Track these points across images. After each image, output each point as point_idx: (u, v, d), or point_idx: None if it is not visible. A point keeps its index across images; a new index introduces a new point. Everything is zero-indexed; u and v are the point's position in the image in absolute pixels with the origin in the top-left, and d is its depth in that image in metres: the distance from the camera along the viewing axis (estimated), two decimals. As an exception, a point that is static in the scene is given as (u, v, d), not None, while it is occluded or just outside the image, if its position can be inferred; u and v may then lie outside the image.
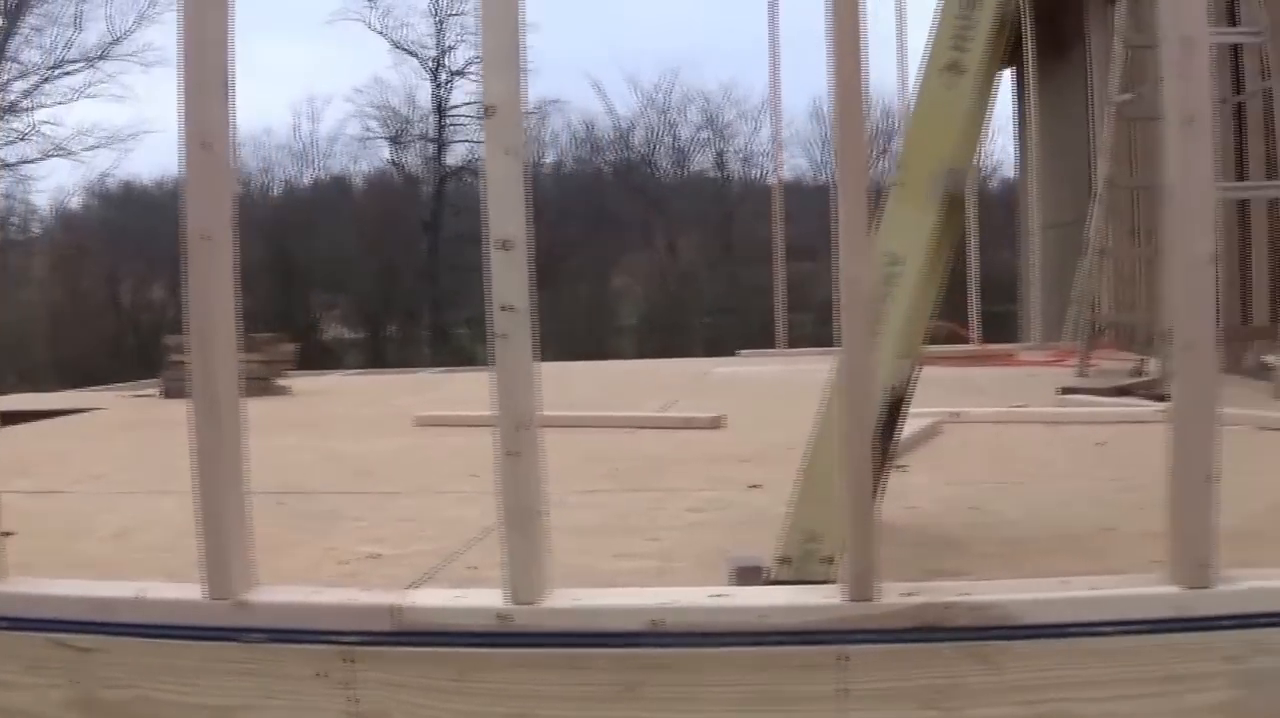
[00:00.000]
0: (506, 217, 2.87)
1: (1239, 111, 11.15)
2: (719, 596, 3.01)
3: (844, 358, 2.83)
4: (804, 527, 3.27)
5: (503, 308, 2.88)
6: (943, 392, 9.71)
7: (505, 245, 2.86)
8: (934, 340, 15.13)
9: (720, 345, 17.92)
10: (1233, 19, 10.66)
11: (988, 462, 6.08)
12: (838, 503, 2.93)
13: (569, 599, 2.99)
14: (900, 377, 3.68)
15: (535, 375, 2.94)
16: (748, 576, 3.22)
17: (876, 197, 3.23)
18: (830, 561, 3.17)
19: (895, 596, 2.86)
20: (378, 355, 35.44)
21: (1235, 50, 10.91)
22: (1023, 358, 13.99)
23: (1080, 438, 6.56)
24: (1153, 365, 9.44)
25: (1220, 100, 11.35)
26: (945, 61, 3.56)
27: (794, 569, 3.24)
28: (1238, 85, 11.18)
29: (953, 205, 3.52)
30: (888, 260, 3.43)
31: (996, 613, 2.81)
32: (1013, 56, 17.98)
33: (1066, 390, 8.94)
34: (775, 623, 2.88)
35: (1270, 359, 9.52)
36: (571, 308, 36.82)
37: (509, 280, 2.88)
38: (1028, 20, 16.34)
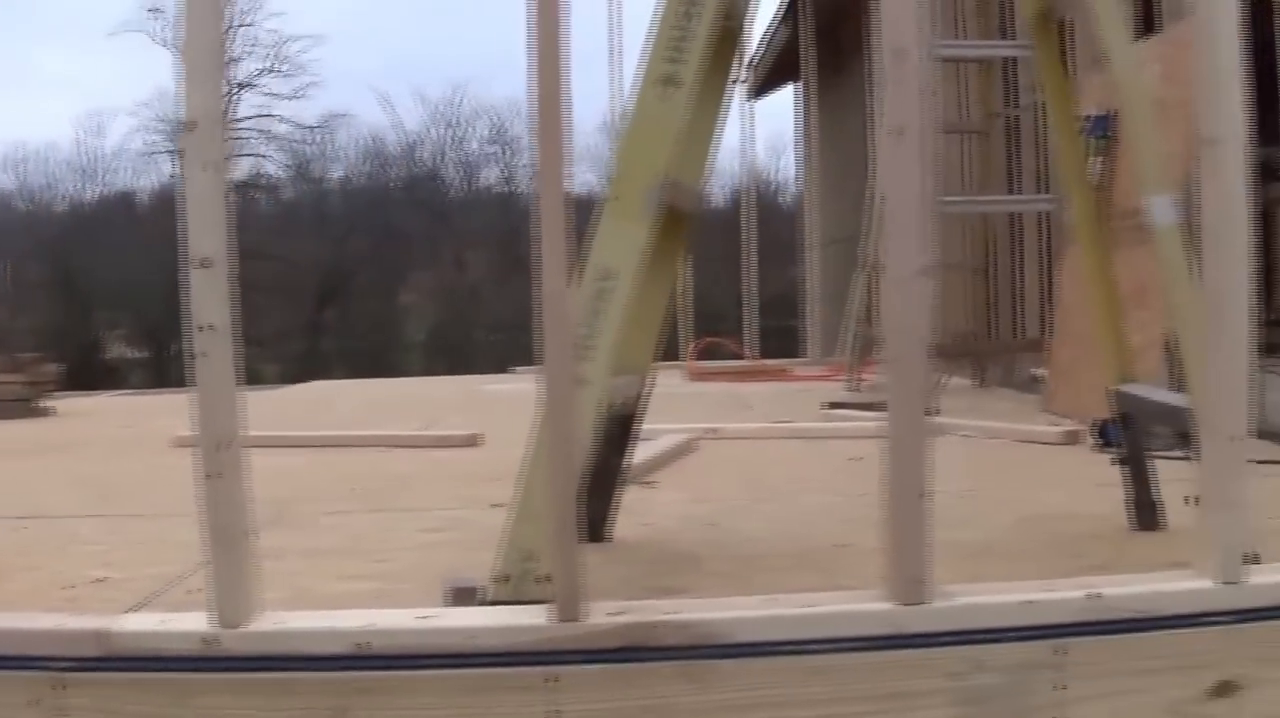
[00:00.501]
0: (205, 234, 2.76)
1: (1012, 125, 11.34)
2: (427, 617, 2.92)
3: (546, 376, 2.75)
4: (521, 545, 3.19)
5: (201, 327, 2.76)
6: (710, 407, 9.76)
7: (204, 264, 2.75)
8: (710, 356, 15.24)
9: (506, 361, 17.86)
10: (1004, 33, 10.86)
11: (738, 478, 6.05)
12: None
13: (275, 622, 2.88)
14: (623, 394, 3.62)
15: (237, 395, 2.82)
16: (464, 596, 3.14)
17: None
18: (548, 579, 3.10)
19: (603, 615, 2.79)
20: (162, 375, 34.66)
21: (1007, 65, 11.10)
22: (797, 373, 14.10)
23: (838, 453, 6.58)
24: (932, 378, 9.52)
25: (994, 114, 11.54)
26: (660, 74, 3.51)
27: (511, 589, 3.16)
28: (1009, 99, 11.38)
29: (672, 219, 3.48)
30: (600, 276, 3.36)
31: (704, 631, 2.75)
32: (793, 72, 18.20)
33: (832, 405, 8.99)
34: (484, 644, 2.79)
35: (1039, 372, 9.68)
36: (359, 325, 36.50)
37: (208, 299, 2.76)
38: (808, 36, 16.54)
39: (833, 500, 5.19)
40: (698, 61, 3.51)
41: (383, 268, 38.41)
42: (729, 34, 3.76)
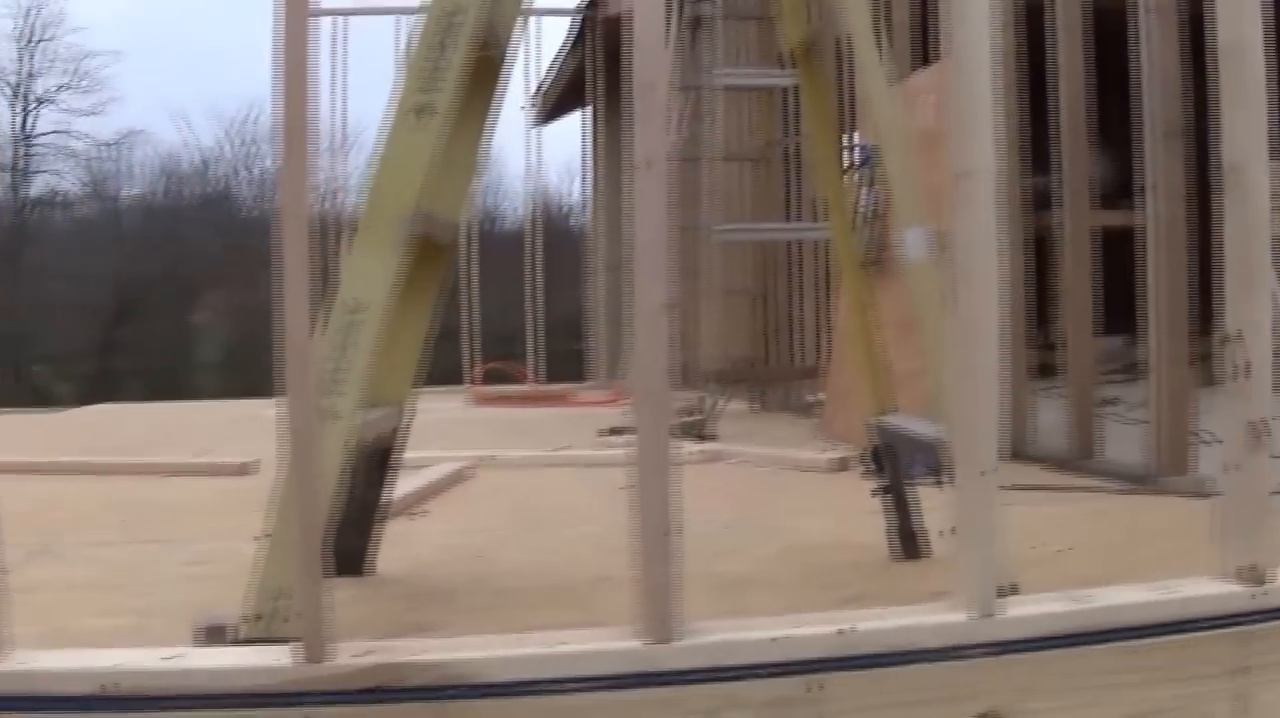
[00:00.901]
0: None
1: (791, 154, 11.44)
2: (173, 657, 2.81)
3: (289, 411, 2.68)
4: (272, 582, 3.11)
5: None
6: (490, 433, 9.70)
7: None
8: (496, 380, 15.13)
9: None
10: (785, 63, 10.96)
11: (509, 508, 5.99)
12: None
13: (20, 662, 2.76)
14: (379, 427, 3.55)
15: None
16: (215, 635, 3.05)
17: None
18: (299, 617, 3.02)
19: (349, 656, 2.71)
20: (-63, 397, 33.66)
21: (787, 94, 11.19)
22: (579, 398, 14.10)
23: (611, 482, 6.55)
24: (705, 404, 9.57)
25: (773, 143, 11.64)
26: (414, 104, 3.45)
27: (264, 627, 3.08)
28: (788, 128, 11.48)
29: (427, 250, 3.42)
30: (350, 308, 3.30)
31: (453, 672, 2.68)
32: (581, 98, 18.23)
33: (611, 431, 8.96)
34: (231, 685, 2.70)
35: (815, 398, 9.77)
36: (153, 344, 35.74)
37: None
38: (596, 63, 16.58)
39: (599, 531, 5.16)
40: (453, 91, 3.46)
41: (178, 287, 37.68)
42: (488, 63, 3.72)
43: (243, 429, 10.63)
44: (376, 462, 3.89)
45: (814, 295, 10.86)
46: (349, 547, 3.89)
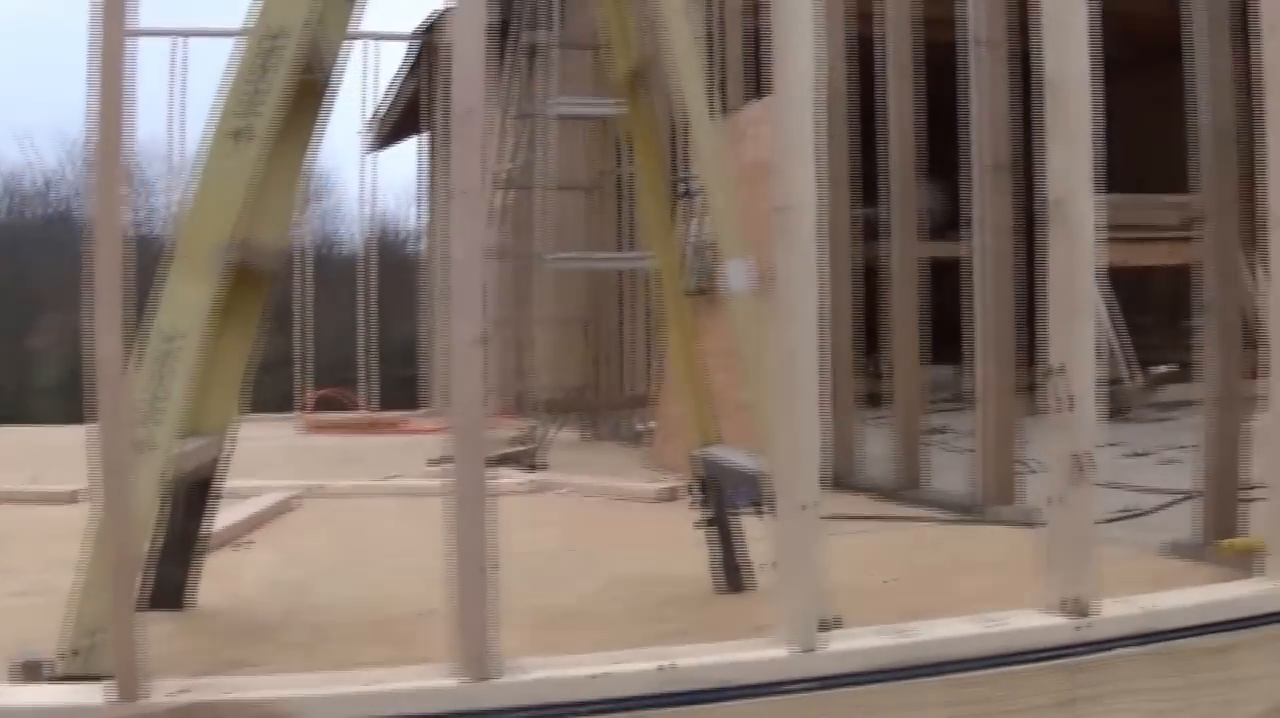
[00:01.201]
0: None
1: (625, 183, 11.45)
2: (-13, 695, 2.73)
3: (100, 443, 2.60)
4: (88, 617, 3.02)
5: None
6: (321, 462, 9.58)
7: None
8: (330, 407, 14.95)
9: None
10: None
11: (335, 539, 5.90)
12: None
13: None
14: (198, 457, 3.48)
15: None
16: (32, 670, 2.96)
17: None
18: (116, 654, 2.94)
19: (164, 694, 2.64)
20: None
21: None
22: (414, 425, 14.00)
23: (438, 512, 6.47)
24: (536, 433, 9.53)
25: (606, 172, 11.65)
26: (232, 128, 3.38)
27: (81, 663, 2.98)
28: (620, 157, 11.50)
29: (247, 277, 3.36)
30: (166, 337, 3.22)
31: (266, 711, 2.62)
32: (418, 123, 18.15)
33: (442, 460, 8.85)
34: (40, 726, 2.63)
35: (645, 427, 9.78)
36: (-7, 368, 34.98)
37: None
38: (433, 87, 16.51)
39: (425, 563, 5.03)
40: (273, 115, 3.40)
41: (16, 309, 36.90)
42: (311, 87, 3.66)
43: (77, 456, 10.35)
44: (196, 492, 3.81)
45: (645, 324, 10.87)
46: (168, 579, 3.79)
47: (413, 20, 18.24)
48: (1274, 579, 3.61)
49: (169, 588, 3.83)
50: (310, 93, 3.68)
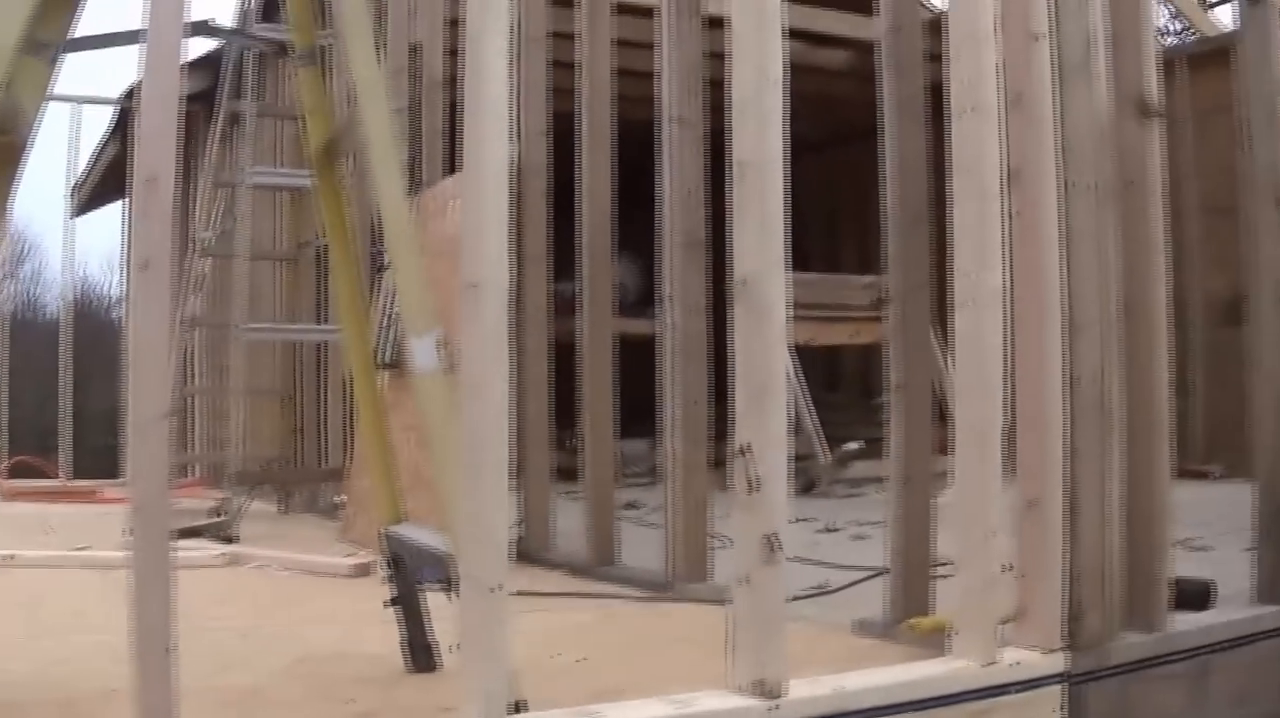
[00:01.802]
0: None
1: (323, 254, 11.34)
2: None
3: None
4: None
5: None
6: (12, 531, 9.21)
7: None
8: (22, 475, 14.40)
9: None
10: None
11: (20, 612, 5.65)
12: None
13: None
14: None
15: None
16: None
17: None
18: None
19: None
20: None
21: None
22: (108, 495, 13.58)
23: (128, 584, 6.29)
24: (230, 505, 9.32)
25: (305, 243, 11.52)
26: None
27: None
28: (320, 229, 11.39)
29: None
30: None
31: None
32: (122, 188, 17.70)
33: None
34: None
35: (340, 500, 9.65)
36: None
37: None
38: (134, 153, 16.10)
39: (112, 639, 4.90)
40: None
41: None
42: (4, 149, 3.55)
43: None
44: None
45: (342, 397, 10.76)
46: None
47: (118, 84, 17.84)
48: (963, 658, 3.70)
49: None
50: (3, 155, 3.57)
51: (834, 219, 13.90)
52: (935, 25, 4.19)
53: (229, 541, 8.42)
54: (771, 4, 3.36)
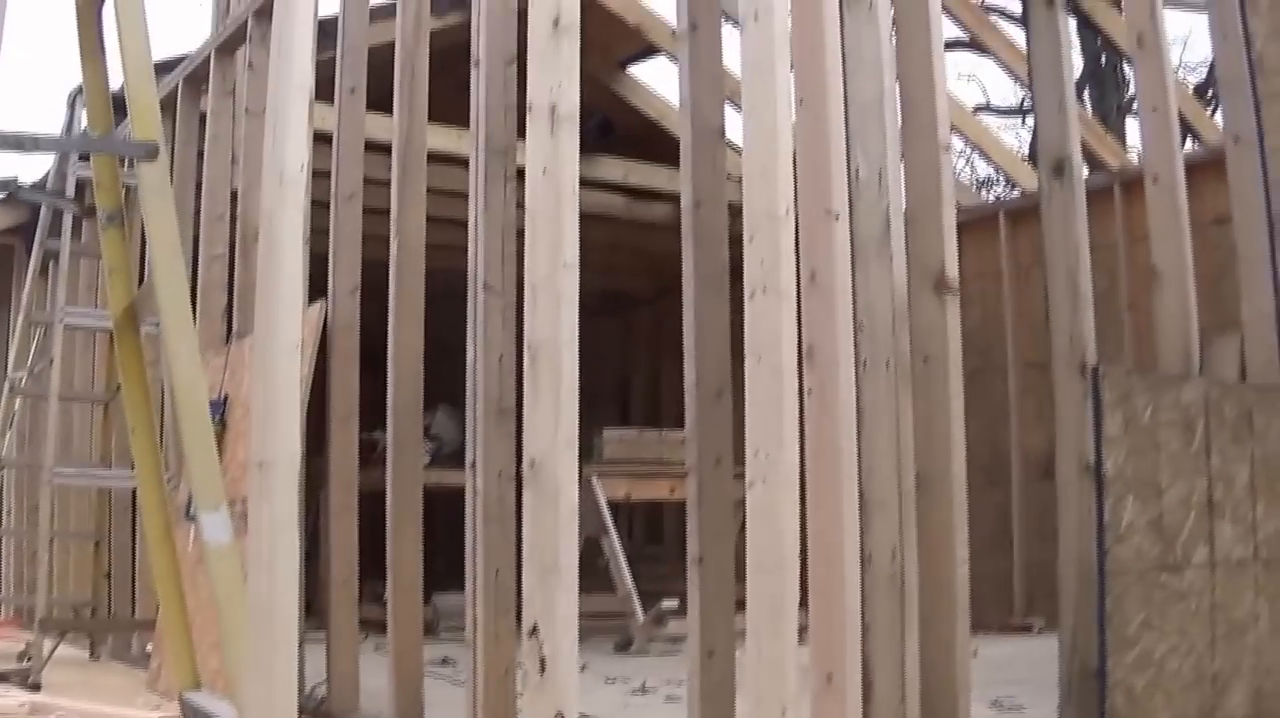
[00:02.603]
0: None
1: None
2: None
3: None
4: None
5: None
6: None
7: None
8: None
9: None
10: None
11: None
12: None
13: None
14: None
15: None
16: None
17: None
18: None
19: None
20: None
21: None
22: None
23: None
24: (36, 651, 9.08)
25: (120, 385, 11.35)
26: None
27: None
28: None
29: None
30: None
31: None
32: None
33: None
34: None
35: (150, 648, 9.44)
36: None
37: None
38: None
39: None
40: None
41: None
42: None
43: None
44: None
45: (130, 542, 10.59)
46: None
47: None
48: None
49: None
50: None
51: (657, 372, 13.95)
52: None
53: (34, 688, 8.19)
54: (569, 187, 3.39)
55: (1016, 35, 10.27)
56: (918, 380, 4.23)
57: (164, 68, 9.08)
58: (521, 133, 3.98)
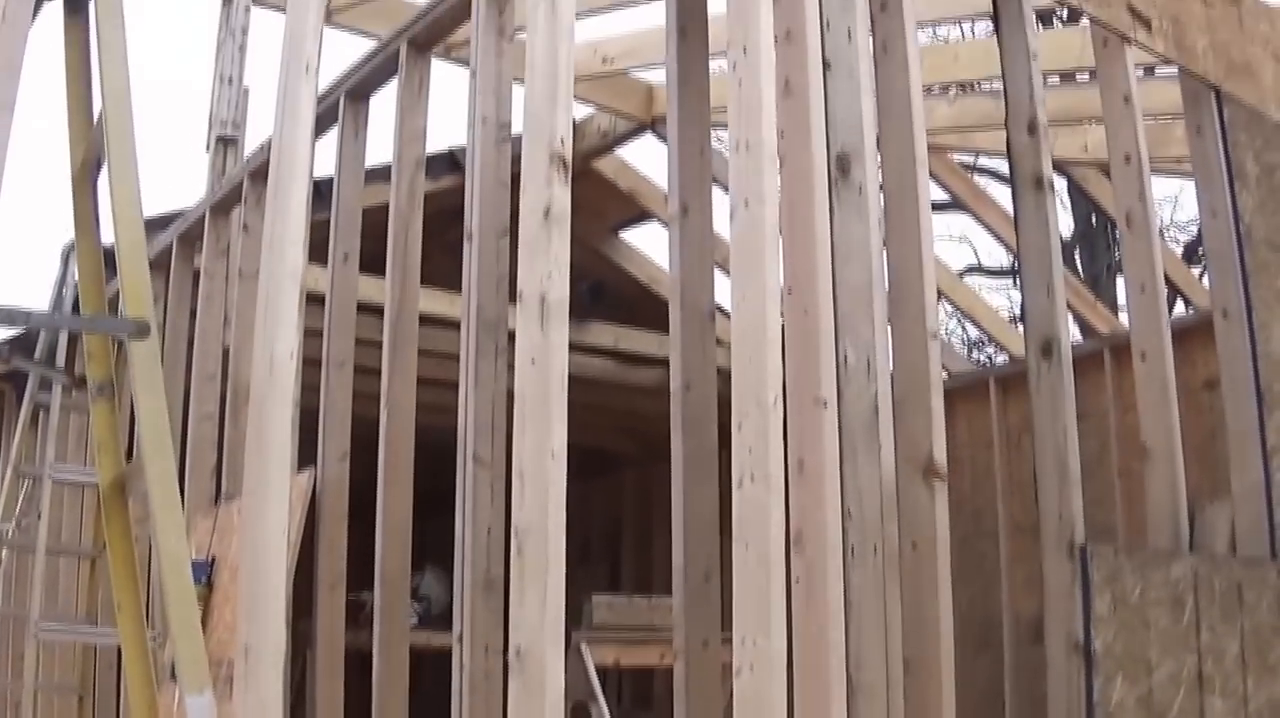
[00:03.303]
0: None
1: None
2: None
3: None
4: None
5: None
6: None
7: None
8: None
9: None
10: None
11: None
12: None
13: None
14: None
15: None
16: None
17: None
18: None
19: None
20: None
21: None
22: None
23: None
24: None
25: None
26: None
27: None
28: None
29: None
30: None
31: None
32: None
33: None
34: None
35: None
36: None
37: None
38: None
39: None
40: None
41: None
42: None
43: None
44: None
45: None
46: None
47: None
48: None
49: None
50: None
51: (648, 536, 13.86)
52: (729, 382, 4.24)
53: None
54: (557, 377, 3.40)
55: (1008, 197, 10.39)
56: (906, 566, 4.22)
57: (159, 224, 9.15)
58: (514, 297, 4.00)
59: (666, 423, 4.72)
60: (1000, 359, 17.09)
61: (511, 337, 5.46)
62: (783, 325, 4.02)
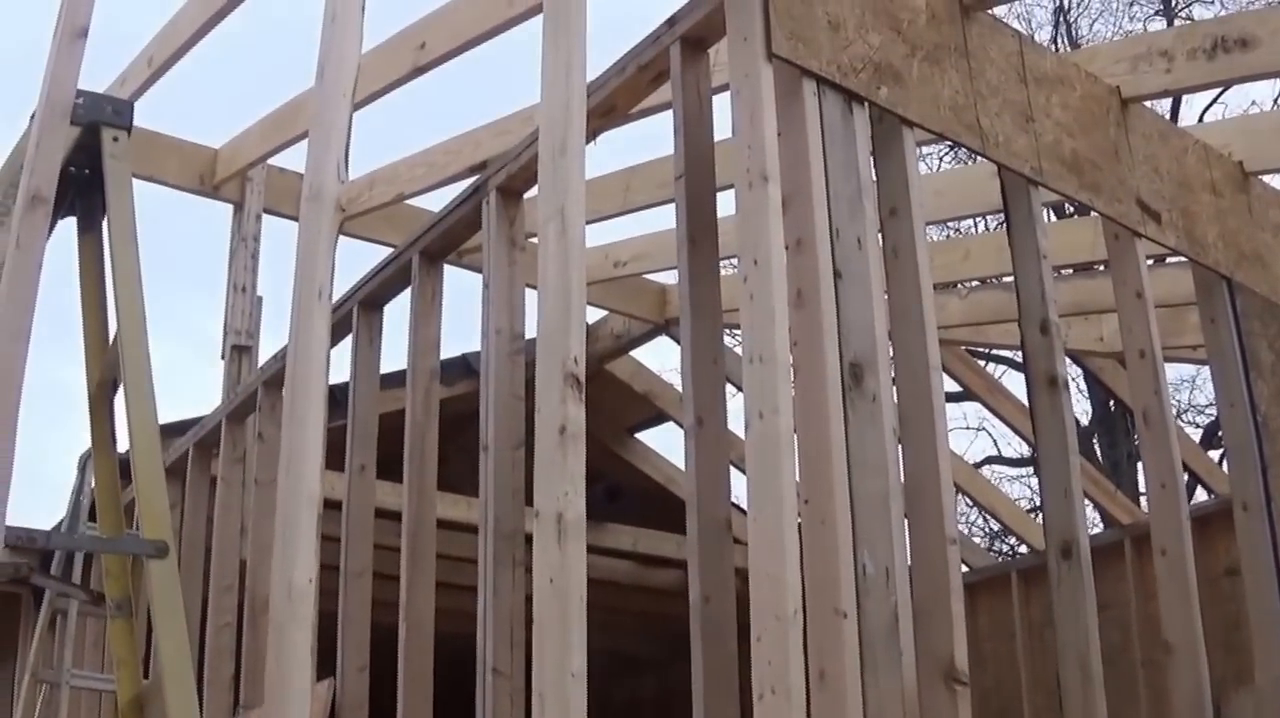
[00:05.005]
0: None
1: None
2: None
3: None
4: None
5: None
6: None
7: None
8: None
9: None
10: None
11: None
12: None
13: None
14: None
15: None
16: None
17: None
18: None
19: None
20: None
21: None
22: None
23: None
24: None
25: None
26: None
27: None
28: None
29: None
30: None
31: None
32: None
33: None
34: None
35: None
36: None
37: None
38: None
39: None
40: None
41: None
42: None
43: None
44: None
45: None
46: None
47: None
48: None
49: None
50: None
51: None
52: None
53: None
54: (576, 597, 3.39)
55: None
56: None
57: (175, 430, 9.19)
58: (529, 500, 3.99)
59: (686, 624, 4.69)
60: (1022, 549, 17.02)
61: (529, 539, 5.48)
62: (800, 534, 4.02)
